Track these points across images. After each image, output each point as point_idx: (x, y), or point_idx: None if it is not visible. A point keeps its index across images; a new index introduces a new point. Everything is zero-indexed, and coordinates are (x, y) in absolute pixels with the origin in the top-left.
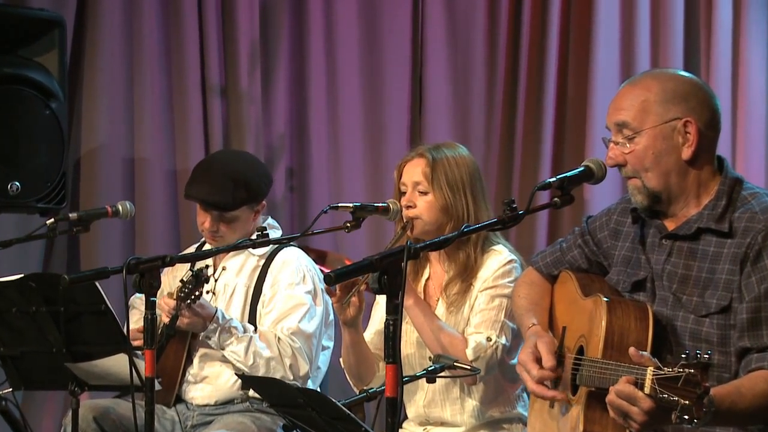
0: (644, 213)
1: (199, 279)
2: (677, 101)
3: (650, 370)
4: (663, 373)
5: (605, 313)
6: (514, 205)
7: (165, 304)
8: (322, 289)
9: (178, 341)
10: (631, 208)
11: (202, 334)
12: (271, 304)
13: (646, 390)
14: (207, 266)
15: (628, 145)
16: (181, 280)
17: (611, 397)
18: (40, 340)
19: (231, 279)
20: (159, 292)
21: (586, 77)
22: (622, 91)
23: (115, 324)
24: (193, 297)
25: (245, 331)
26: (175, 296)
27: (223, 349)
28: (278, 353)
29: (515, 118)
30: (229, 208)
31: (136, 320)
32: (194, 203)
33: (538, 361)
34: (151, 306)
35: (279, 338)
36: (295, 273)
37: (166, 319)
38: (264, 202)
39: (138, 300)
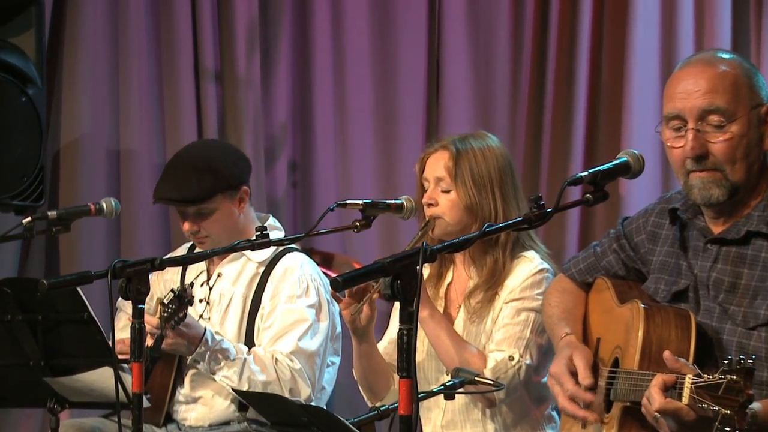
0: (689, 212)
1: (182, 301)
2: (758, 86)
3: (689, 378)
4: (703, 380)
5: (642, 320)
6: (542, 203)
7: (148, 323)
8: (328, 300)
9: (165, 361)
10: (671, 208)
11: (190, 358)
12: (270, 319)
13: (685, 400)
14: (191, 284)
15: (717, 133)
16: (162, 303)
17: (644, 402)
18: (16, 351)
19: (227, 288)
20: (147, 298)
21: (622, 59)
22: (696, 72)
23: (98, 334)
24: (176, 319)
25: (238, 353)
26: (158, 315)
27: (213, 373)
28: (276, 376)
29: (543, 105)
30: (199, 200)
31: (122, 326)
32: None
33: (573, 375)
34: (138, 314)
35: (276, 359)
36: (298, 284)
37: (149, 341)
38: (245, 188)
39: (126, 303)
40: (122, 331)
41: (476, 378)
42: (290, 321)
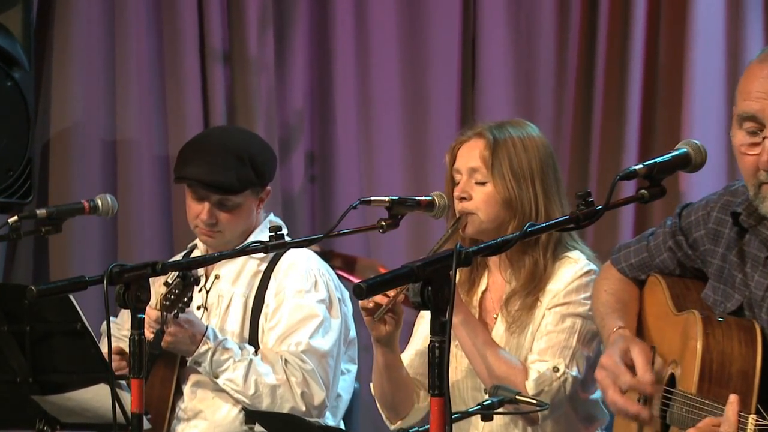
0: (752, 218)
1: (186, 280)
2: None
3: (752, 418)
4: (767, 423)
5: (701, 334)
6: (591, 199)
7: (147, 316)
8: (339, 298)
9: (165, 366)
10: (733, 211)
11: (191, 358)
12: (276, 317)
13: None
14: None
15: None
16: (166, 283)
17: None
18: (1, 366)
19: (226, 288)
20: (148, 307)
21: (682, 37)
22: None
23: (93, 347)
24: (180, 305)
25: (243, 353)
26: (158, 305)
27: (216, 377)
28: (285, 378)
29: (592, 90)
30: (234, 190)
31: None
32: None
33: (630, 369)
34: (138, 324)
35: (286, 360)
36: (305, 278)
37: (149, 335)
38: (269, 188)
39: (114, 325)
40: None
41: (517, 397)
42: (299, 317)
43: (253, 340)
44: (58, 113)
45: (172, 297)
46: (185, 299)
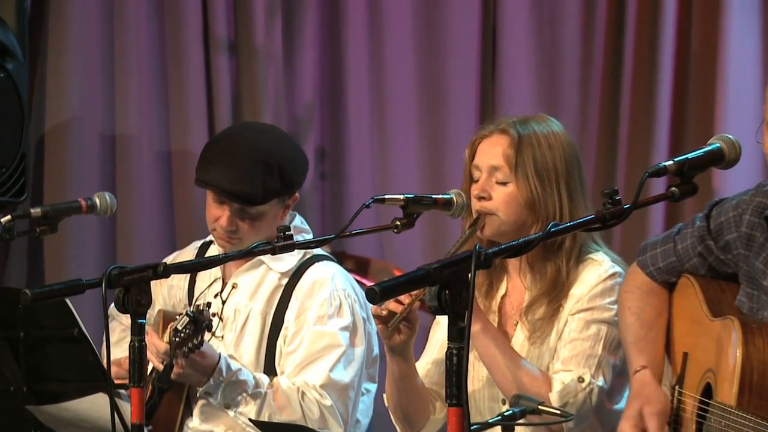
0: None
1: (198, 325)
2: None
3: None
4: None
5: (740, 342)
6: (618, 197)
7: (155, 346)
8: (363, 319)
9: (173, 391)
10: (766, 215)
11: (201, 389)
12: (296, 342)
13: None
14: (209, 304)
15: None
16: (175, 329)
17: None
18: None
19: (243, 302)
20: (149, 311)
21: (715, 26)
22: None
23: (91, 354)
24: (190, 346)
25: (258, 386)
26: (167, 340)
27: (228, 408)
28: (301, 414)
29: (620, 81)
30: (259, 201)
31: (117, 340)
32: (198, 193)
33: None
34: (138, 330)
35: (303, 393)
36: (329, 301)
37: (157, 365)
38: (297, 194)
39: (116, 322)
40: (118, 346)
41: (539, 407)
42: (320, 347)
43: (270, 361)
44: (54, 106)
45: (183, 335)
46: (196, 341)
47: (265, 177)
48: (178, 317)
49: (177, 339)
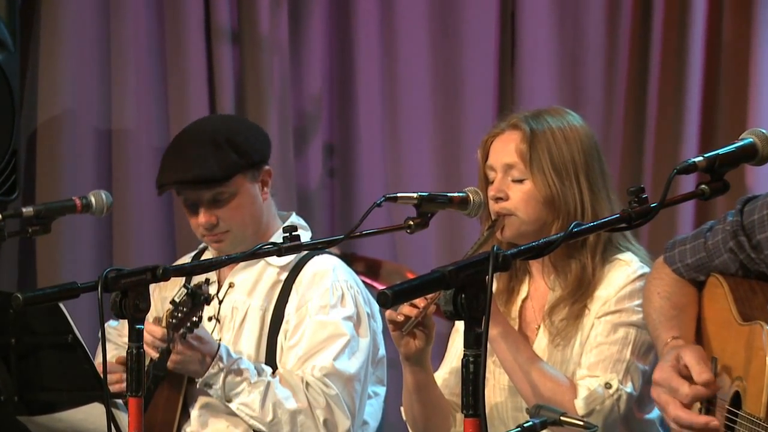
0: None
1: (196, 299)
2: None
3: None
4: None
5: None
6: (644, 195)
7: (151, 333)
8: (368, 313)
9: (170, 386)
10: None
11: (200, 380)
12: (297, 335)
13: None
14: (207, 280)
15: None
16: (173, 301)
17: None
18: None
19: (241, 300)
20: (147, 317)
21: (748, 13)
22: None
23: (86, 362)
24: (188, 324)
25: (260, 374)
26: (164, 323)
27: (229, 401)
28: (307, 404)
29: (647, 72)
30: (218, 179)
31: (110, 357)
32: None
33: (687, 378)
34: (136, 336)
35: (308, 383)
36: (331, 291)
37: (153, 354)
38: (268, 167)
39: (113, 330)
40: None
41: (562, 417)
42: (323, 336)
43: (271, 358)
44: (47, 99)
45: (180, 315)
46: (194, 319)
47: (217, 154)
48: (174, 297)
49: (173, 320)
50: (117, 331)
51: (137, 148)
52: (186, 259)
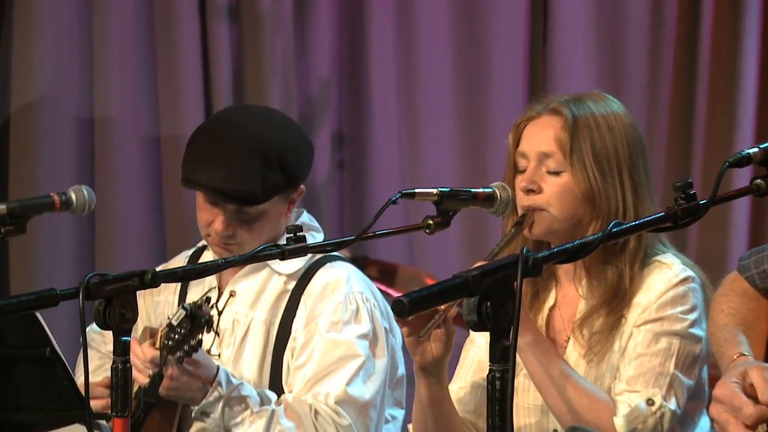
0: None
1: (196, 321)
2: None
3: None
4: None
5: None
6: (692, 191)
7: (142, 355)
8: (386, 329)
9: (162, 415)
10: None
11: (197, 408)
12: (305, 354)
13: None
14: (207, 299)
15: None
16: (169, 324)
17: None
18: None
19: (243, 311)
20: (134, 327)
21: None
22: None
23: (66, 378)
24: (186, 348)
25: (263, 402)
26: (158, 344)
27: (228, 431)
28: None
29: (696, 51)
30: (259, 200)
31: (94, 369)
32: (188, 191)
33: (752, 398)
34: (122, 349)
35: (317, 412)
36: (344, 305)
37: (141, 379)
38: (303, 186)
39: (97, 335)
40: (94, 375)
41: None
42: (334, 357)
43: (275, 379)
44: (21, 85)
45: (177, 336)
46: (193, 342)
47: (264, 171)
48: (170, 317)
49: (169, 342)
50: (102, 337)
51: (123, 138)
52: (181, 259)
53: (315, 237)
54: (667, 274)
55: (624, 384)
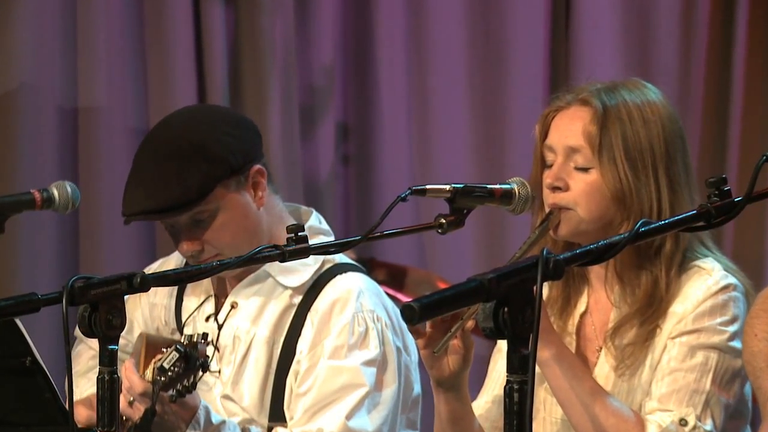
0: None
1: (191, 363)
2: None
3: None
4: None
5: None
6: (727, 188)
7: (131, 387)
8: (398, 348)
9: None
10: None
11: None
12: (309, 381)
13: None
14: (205, 336)
15: None
16: (161, 367)
17: None
18: None
19: (245, 327)
20: (130, 330)
21: None
22: None
23: (47, 389)
24: (180, 388)
25: None
26: (149, 377)
27: None
28: None
29: (732, 35)
30: (190, 200)
31: (83, 370)
32: None
33: None
34: (108, 359)
35: None
36: (350, 326)
37: (128, 411)
38: (258, 166)
39: (84, 345)
40: (85, 377)
41: None
42: (335, 386)
43: (277, 403)
44: (0, 72)
45: (172, 375)
46: (187, 383)
47: (183, 171)
48: (165, 350)
49: (164, 378)
50: (88, 347)
51: (109, 129)
52: (175, 259)
53: (324, 240)
54: (707, 281)
55: (655, 402)
